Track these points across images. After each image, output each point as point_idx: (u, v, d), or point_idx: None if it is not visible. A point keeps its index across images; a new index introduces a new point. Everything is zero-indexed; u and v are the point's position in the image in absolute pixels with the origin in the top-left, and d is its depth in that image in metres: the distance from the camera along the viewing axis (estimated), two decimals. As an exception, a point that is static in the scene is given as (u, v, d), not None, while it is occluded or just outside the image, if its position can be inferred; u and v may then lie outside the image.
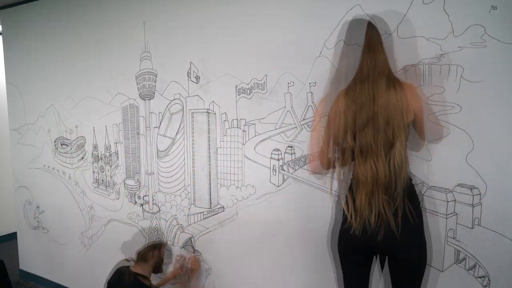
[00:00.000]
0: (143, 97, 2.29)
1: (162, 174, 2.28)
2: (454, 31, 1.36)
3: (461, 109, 1.37)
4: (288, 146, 1.79)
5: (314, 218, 1.75)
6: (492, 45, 1.31)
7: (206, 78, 2.03)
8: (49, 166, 2.96)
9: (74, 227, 2.84)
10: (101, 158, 2.61)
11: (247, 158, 1.93)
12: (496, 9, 1.29)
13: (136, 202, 2.42)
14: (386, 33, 1.49)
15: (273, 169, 1.85)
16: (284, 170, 1.82)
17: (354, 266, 1.44)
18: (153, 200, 2.33)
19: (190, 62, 2.08)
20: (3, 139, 4.02)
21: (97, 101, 2.56)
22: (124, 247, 2.52)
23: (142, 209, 2.39)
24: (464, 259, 1.41)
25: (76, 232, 2.83)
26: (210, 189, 2.09)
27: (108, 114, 2.51)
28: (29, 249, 3.21)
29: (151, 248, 2.07)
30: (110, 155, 2.55)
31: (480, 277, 1.38)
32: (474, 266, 1.39)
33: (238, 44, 1.89)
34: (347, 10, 1.57)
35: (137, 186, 2.40)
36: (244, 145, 1.93)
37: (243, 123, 1.92)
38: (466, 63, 1.35)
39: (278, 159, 1.83)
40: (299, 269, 1.83)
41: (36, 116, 2.98)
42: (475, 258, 1.38)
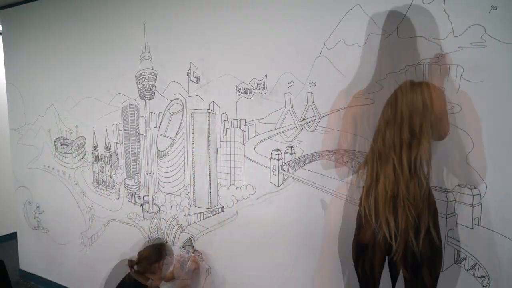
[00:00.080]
0: (143, 97, 2.29)
1: (162, 174, 2.28)
2: (454, 31, 1.36)
3: (461, 109, 1.37)
4: (288, 146, 1.79)
5: (314, 218, 1.75)
6: (492, 45, 1.31)
7: (206, 78, 2.03)
8: (49, 166, 2.96)
9: (74, 227, 2.84)
10: (101, 158, 2.61)
11: (247, 158, 1.93)
12: (496, 9, 1.29)
13: (136, 202, 2.42)
14: (386, 33, 1.49)
15: (273, 169, 1.85)
16: (284, 170, 1.82)
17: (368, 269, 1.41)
18: (153, 200, 2.34)
19: (190, 62, 2.08)
20: (3, 139, 4.02)
21: (97, 101, 2.56)
22: (124, 247, 2.52)
23: (142, 209, 2.39)
24: (464, 259, 1.41)
25: (76, 232, 2.83)
26: (210, 189, 2.09)
27: (108, 114, 2.51)
28: (29, 249, 3.22)
29: (154, 259, 2.06)
30: (110, 155, 2.55)
31: (480, 277, 1.38)
32: (474, 266, 1.39)
33: (238, 44, 1.89)
34: (347, 10, 1.57)
35: (137, 186, 2.40)
36: (244, 145, 1.93)
37: (243, 123, 1.92)
38: (466, 63, 1.35)
39: (278, 159, 1.83)
40: (299, 269, 1.83)
41: (36, 116, 2.98)
42: (475, 258, 1.38)
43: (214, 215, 2.09)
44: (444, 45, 1.38)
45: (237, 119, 1.94)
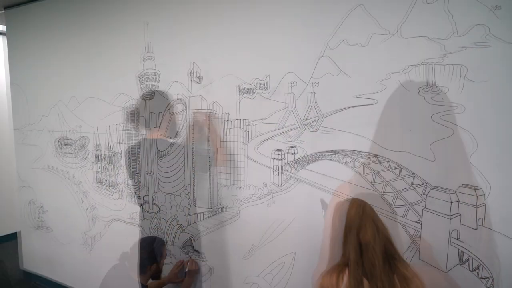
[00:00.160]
0: (145, 97, 2.30)
1: (161, 174, 2.28)
2: (457, 31, 1.36)
3: (464, 109, 1.36)
4: (290, 147, 1.79)
5: (316, 218, 1.75)
6: (496, 45, 1.30)
7: (208, 78, 2.03)
8: (52, 166, 2.97)
9: (77, 227, 2.85)
10: (103, 158, 2.62)
11: (249, 158, 1.93)
12: (500, 8, 1.28)
13: (136, 201, 2.43)
14: (389, 33, 1.49)
15: (275, 169, 1.85)
16: (286, 170, 1.81)
17: None
18: (153, 200, 2.34)
19: (193, 63, 2.08)
20: (7, 139, 4.04)
21: (100, 101, 2.57)
22: (127, 247, 2.52)
23: (142, 209, 2.39)
24: (467, 260, 1.40)
25: (78, 231, 2.84)
26: (211, 189, 2.08)
27: (111, 114, 2.52)
28: (32, 248, 3.23)
29: (153, 259, 2.06)
30: (112, 155, 2.56)
31: (484, 278, 1.37)
32: (478, 267, 1.38)
33: (241, 44, 1.89)
34: (350, 10, 1.57)
35: (137, 186, 2.40)
36: (246, 145, 1.93)
37: (246, 123, 1.92)
38: (470, 63, 1.34)
39: (280, 159, 1.82)
40: (301, 269, 1.82)
41: (39, 116, 3.00)
42: (479, 259, 1.37)
43: (215, 215, 2.09)
44: (447, 45, 1.38)
45: (239, 119, 1.94)
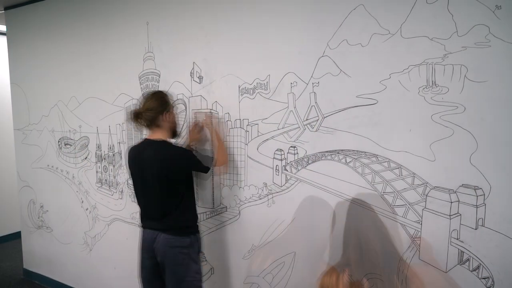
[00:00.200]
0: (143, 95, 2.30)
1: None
2: (458, 31, 1.36)
3: (465, 109, 1.37)
4: (291, 146, 1.79)
5: (316, 218, 1.75)
6: (496, 45, 1.30)
7: (209, 78, 2.03)
8: (52, 166, 2.98)
9: (78, 227, 2.85)
10: (104, 158, 2.62)
11: (250, 158, 1.93)
12: (500, 8, 1.28)
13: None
14: (389, 33, 1.49)
15: (276, 169, 1.85)
16: (287, 170, 1.82)
17: None
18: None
19: (193, 62, 2.08)
20: (8, 139, 4.05)
21: (100, 101, 2.58)
22: (127, 247, 2.52)
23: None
24: (468, 260, 1.40)
25: (79, 231, 2.84)
26: (212, 189, 2.09)
27: (111, 114, 2.52)
28: (33, 248, 3.23)
29: (159, 110, 1.78)
30: (113, 155, 2.56)
31: (484, 278, 1.38)
32: (478, 267, 1.38)
33: (241, 44, 1.90)
34: (351, 10, 1.57)
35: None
36: (247, 145, 1.93)
37: (246, 123, 1.92)
38: (470, 63, 1.34)
39: (281, 159, 1.83)
40: (301, 269, 1.83)
41: (40, 116, 3.00)
42: (479, 259, 1.38)
43: (216, 215, 2.09)
44: (448, 45, 1.38)
45: (240, 119, 1.94)
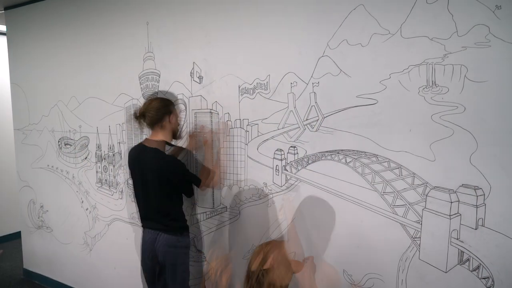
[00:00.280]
0: (146, 97, 2.30)
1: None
2: (458, 31, 1.36)
3: (465, 109, 1.37)
4: (291, 146, 1.79)
5: (316, 218, 1.75)
6: (496, 45, 1.30)
7: (209, 78, 2.03)
8: (52, 166, 2.98)
9: (78, 227, 2.85)
10: (104, 158, 2.62)
11: (250, 158, 1.93)
12: (500, 8, 1.28)
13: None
14: (389, 33, 1.49)
15: (276, 169, 1.85)
16: (287, 170, 1.82)
17: None
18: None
19: (193, 62, 2.08)
20: (8, 139, 4.05)
21: (100, 101, 2.57)
22: (127, 247, 2.52)
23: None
24: (468, 260, 1.41)
25: (79, 231, 2.84)
26: (213, 189, 2.09)
27: (111, 114, 2.52)
28: (33, 248, 3.23)
29: (163, 111, 1.84)
30: (113, 155, 2.56)
31: (484, 278, 1.38)
32: (478, 267, 1.38)
33: (241, 44, 1.89)
34: (351, 10, 1.57)
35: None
36: (247, 145, 1.93)
37: (246, 123, 1.92)
38: (470, 63, 1.34)
39: (281, 159, 1.83)
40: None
41: (40, 116, 3.00)
42: (479, 259, 1.38)
43: (216, 215, 2.09)
44: (448, 45, 1.38)
45: (240, 119, 1.94)
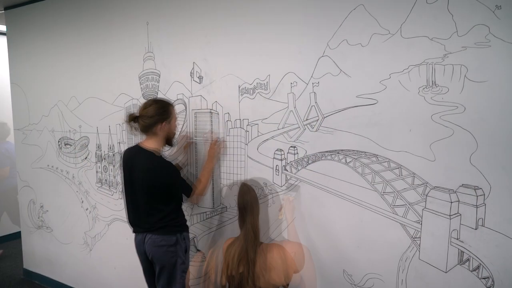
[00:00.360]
0: (147, 97, 2.30)
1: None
2: (458, 31, 1.36)
3: (465, 109, 1.37)
4: (291, 146, 1.79)
5: (316, 217, 1.75)
6: (496, 45, 1.30)
7: (209, 78, 2.03)
8: (52, 166, 2.98)
9: (78, 227, 2.85)
10: (104, 158, 2.62)
11: (250, 158, 1.93)
12: (500, 8, 1.28)
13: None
14: (389, 33, 1.49)
15: (276, 169, 1.85)
16: (287, 170, 1.82)
17: None
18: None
19: (193, 62, 2.08)
20: (8, 139, 4.05)
21: (100, 101, 2.58)
22: (127, 247, 2.52)
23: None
24: (468, 260, 1.41)
25: (79, 231, 2.84)
26: (212, 189, 2.09)
27: (111, 114, 2.52)
28: (33, 248, 3.24)
29: (157, 118, 1.75)
30: (113, 155, 2.56)
31: (484, 278, 1.38)
32: (478, 267, 1.38)
33: (241, 44, 1.89)
34: (351, 10, 1.57)
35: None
36: (247, 145, 1.93)
37: (246, 123, 1.92)
38: (470, 63, 1.34)
39: (281, 159, 1.83)
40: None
41: (40, 116, 3.00)
42: (479, 259, 1.38)
43: (216, 215, 2.09)
44: (448, 45, 1.38)
45: (240, 119, 1.94)
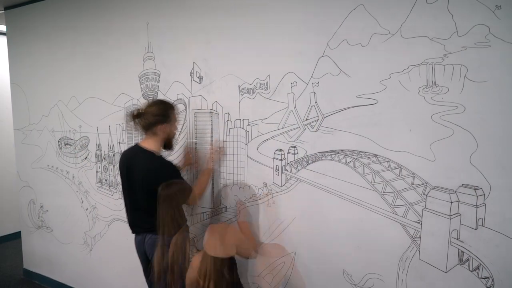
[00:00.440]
0: (147, 97, 2.30)
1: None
2: (458, 31, 1.36)
3: (465, 109, 1.37)
4: (291, 146, 1.79)
5: (316, 218, 1.75)
6: (496, 45, 1.30)
7: (209, 78, 2.03)
8: (52, 166, 2.98)
9: (78, 227, 2.85)
10: (104, 158, 2.62)
11: (250, 158, 1.93)
12: (500, 8, 1.28)
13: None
14: (389, 33, 1.49)
15: (276, 169, 1.85)
16: (287, 170, 1.82)
17: None
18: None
19: (193, 62, 2.08)
20: (8, 139, 4.05)
21: (100, 101, 2.57)
22: (127, 247, 2.52)
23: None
24: (468, 260, 1.41)
25: (79, 231, 2.84)
26: (212, 189, 2.09)
27: (111, 114, 2.52)
28: (33, 248, 3.23)
29: (159, 119, 1.78)
30: (113, 155, 2.56)
31: (484, 278, 1.38)
32: (478, 267, 1.39)
33: (241, 44, 1.89)
34: (351, 10, 1.57)
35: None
36: (247, 145, 1.93)
37: (246, 123, 1.92)
38: (470, 63, 1.34)
39: (281, 159, 1.83)
40: (301, 269, 1.83)
41: (40, 116, 3.00)
42: (479, 259, 1.38)
43: (216, 215, 2.09)
44: (448, 45, 1.38)
45: (240, 119, 1.94)
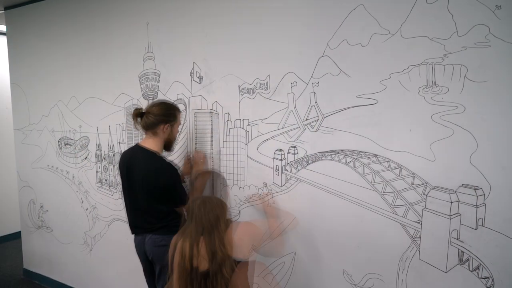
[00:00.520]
0: (147, 97, 2.30)
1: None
2: (458, 31, 1.36)
3: (465, 109, 1.37)
4: (291, 146, 1.79)
5: (316, 218, 1.75)
6: (496, 45, 1.30)
7: (209, 78, 2.03)
8: (53, 166, 2.98)
9: (78, 227, 2.85)
10: (104, 158, 2.62)
11: (250, 158, 1.93)
12: (500, 8, 1.28)
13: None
14: (389, 33, 1.49)
15: (276, 169, 1.85)
16: (287, 170, 1.82)
17: None
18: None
19: (193, 62, 2.08)
20: (8, 139, 4.05)
21: (100, 101, 2.58)
22: (127, 247, 2.52)
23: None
24: (468, 260, 1.41)
25: (79, 231, 2.84)
26: (212, 189, 2.09)
27: (111, 114, 2.52)
28: (33, 248, 3.24)
29: (161, 119, 1.80)
30: (113, 155, 2.56)
31: (484, 278, 1.38)
32: (478, 267, 1.39)
33: (241, 44, 1.89)
34: (351, 10, 1.57)
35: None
36: (247, 145, 1.93)
37: (246, 123, 1.92)
38: (470, 63, 1.34)
39: (281, 159, 1.83)
40: (301, 269, 1.83)
41: (40, 116, 3.00)
42: (479, 259, 1.38)
43: (217, 215, 2.09)
44: (448, 45, 1.38)
45: (240, 119, 1.94)
